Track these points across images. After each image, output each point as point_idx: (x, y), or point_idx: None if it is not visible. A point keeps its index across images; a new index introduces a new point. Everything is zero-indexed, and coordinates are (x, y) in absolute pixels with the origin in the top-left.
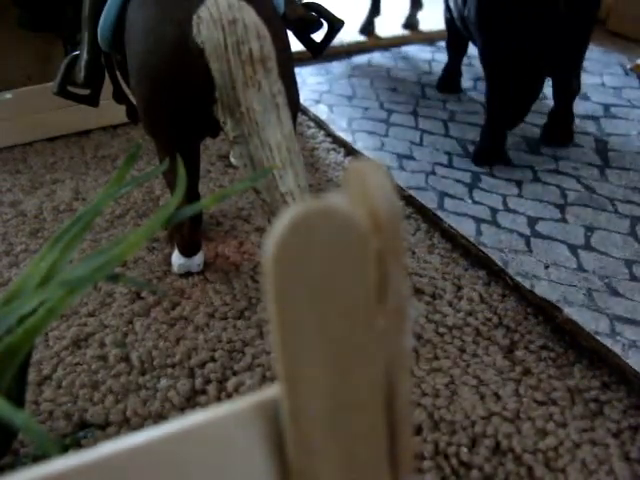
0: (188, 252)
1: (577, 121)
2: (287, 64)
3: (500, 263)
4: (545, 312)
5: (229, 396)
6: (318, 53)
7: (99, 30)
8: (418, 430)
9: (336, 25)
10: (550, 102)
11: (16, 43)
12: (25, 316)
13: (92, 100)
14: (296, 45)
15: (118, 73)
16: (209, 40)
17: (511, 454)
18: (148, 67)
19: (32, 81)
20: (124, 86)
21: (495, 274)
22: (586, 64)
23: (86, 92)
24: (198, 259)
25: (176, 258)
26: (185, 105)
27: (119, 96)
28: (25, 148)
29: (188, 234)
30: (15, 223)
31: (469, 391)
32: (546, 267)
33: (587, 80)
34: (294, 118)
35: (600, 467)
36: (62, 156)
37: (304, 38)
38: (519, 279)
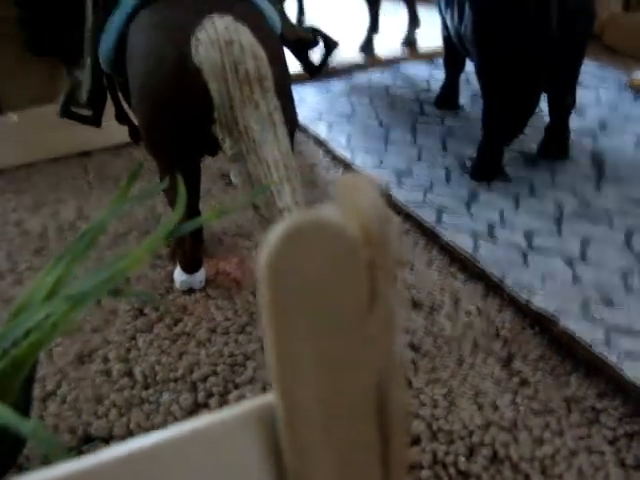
0: (190, 269)
1: (573, 135)
2: (284, 83)
3: (497, 276)
4: (542, 324)
5: None
6: (316, 74)
7: (100, 52)
8: (417, 440)
9: (332, 46)
10: (546, 117)
11: (22, 66)
12: (31, 329)
13: (95, 121)
14: (296, 65)
15: (120, 94)
16: (207, 61)
17: (508, 462)
18: (148, 88)
19: (36, 103)
20: (126, 107)
21: (492, 287)
22: (582, 79)
23: (89, 113)
24: (200, 276)
25: (178, 275)
26: (185, 124)
27: (121, 117)
28: (29, 168)
29: (190, 251)
30: (19, 242)
31: (467, 401)
32: (543, 280)
33: (583, 94)
34: (291, 135)
35: (596, 474)
36: (65, 176)
37: (302, 58)
38: (516, 292)
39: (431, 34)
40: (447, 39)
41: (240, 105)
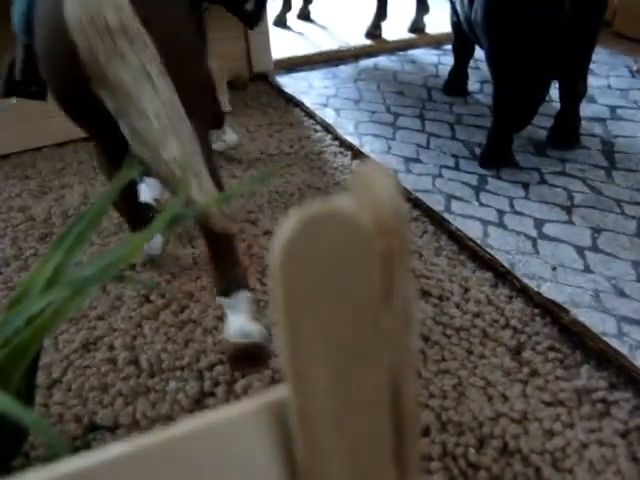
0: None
1: (583, 123)
2: (173, 42)
3: (507, 265)
4: (552, 313)
5: (237, 398)
6: (252, 24)
7: (13, 20)
8: (426, 431)
9: None
10: (556, 104)
11: None
12: (33, 317)
13: (40, 95)
14: (302, 50)
15: None
16: (69, 16)
17: (519, 455)
18: (40, 51)
19: None
20: None
21: (502, 276)
22: (592, 66)
23: (34, 88)
24: (154, 243)
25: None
26: (69, 84)
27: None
28: (34, 153)
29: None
30: (24, 228)
31: (477, 392)
32: (553, 269)
33: (593, 82)
34: (194, 96)
35: (607, 467)
36: (70, 161)
37: (235, 10)
38: (526, 281)
39: (440, 19)
40: (456, 25)
41: (105, 58)
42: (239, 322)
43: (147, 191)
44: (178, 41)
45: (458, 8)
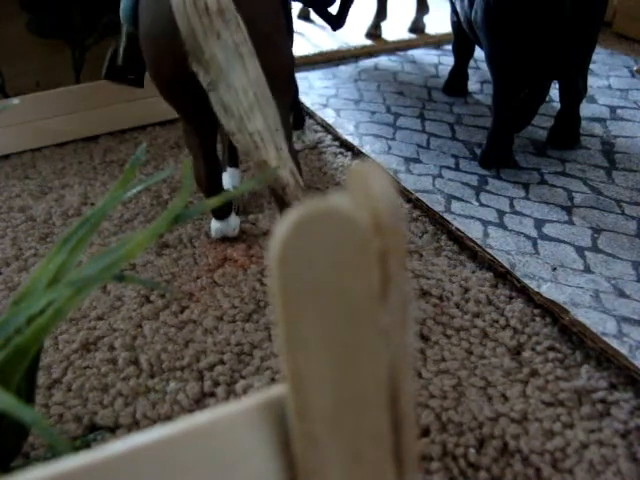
0: (218, 214)
1: (584, 123)
2: (262, 26)
3: (507, 265)
4: (552, 314)
5: (238, 398)
6: (337, 26)
7: (120, 12)
8: (426, 432)
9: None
10: (557, 105)
11: (25, 49)
12: (34, 316)
13: (137, 82)
14: (302, 50)
15: None
16: (174, 2)
17: (519, 455)
18: (143, 35)
19: (40, 87)
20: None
21: (502, 276)
22: (592, 66)
23: (132, 76)
24: (233, 223)
25: (212, 224)
26: (168, 61)
27: None
28: (34, 154)
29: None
30: (24, 228)
31: (476, 393)
32: (553, 269)
33: (593, 82)
34: (281, 79)
35: (607, 468)
36: (71, 161)
37: (321, 12)
38: (526, 281)
39: (440, 20)
40: (456, 25)
41: (202, 35)
42: None
43: (228, 179)
44: (267, 25)
45: (458, 8)
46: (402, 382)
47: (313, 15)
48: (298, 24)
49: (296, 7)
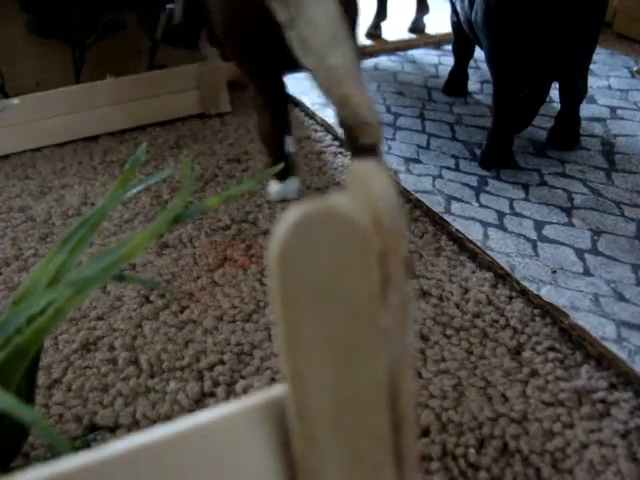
0: (281, 175)
1: (583, 124)
2: None
3: (507, 267)
4: (552, 315)
5: (238, 398)
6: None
7: None
8: (426, 432)
9: None
10: (557, 105)
11: (25, 49)
12: (34, 316)
13: (191, 42)
14: None
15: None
16: None
17: (519, 455)
18: None
19: (40, 87)
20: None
21: (502, 277)
22: (592, 67)
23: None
24: (293, 184)
25: (272, 186)
26: (243, 9)
27: (212, 39)
28: (34, 154)
29: (276, 148)
30: (24, 228)
31: (476, 393)
32: (553, 272)
33: (593, 83)
34: (351, 22)
35: (607, 468)
36: (70, 161)
37: None
38: (526, 284)
39: (440, 20)
40: (456, 25)
41: None
42: None
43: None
44: None
45: (458, 8)
46: (402, 382)
47: None
48: None
49: None
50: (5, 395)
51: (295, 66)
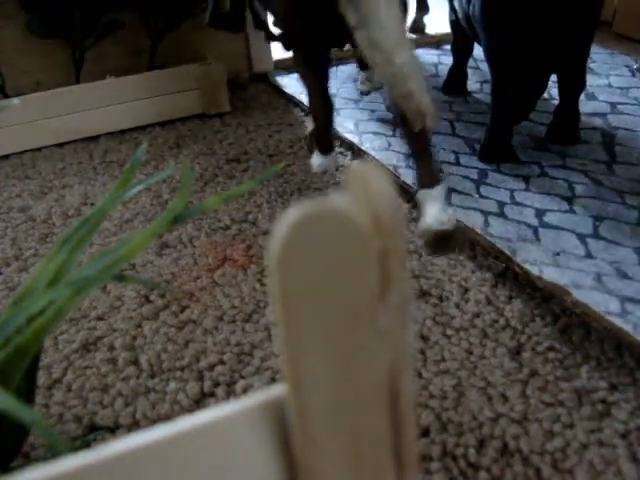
0: (324, 149)
1: (584, 119)
2: None
3: (508, 252)
4: (552, 313)
5: (238, 398)
6: None
7: None
8: (426, 432)
9: None
10: (557, 102)
11: (25, 49)
12: (34, 316)
13: (238, 26)
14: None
15: (257, 3)
16: None
17: (519, 455)
18: None
19: (40, 87)
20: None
21: (502, 276)
22: (593, 66)
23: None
24: (334, 159)
25: (315, 159)
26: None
27: (258, 23)
28: (34, 154)
29: (323, 129)
30: (24, 228)
31: (476, 393)
32: (556, 254)
33: (594, 81)
34: (404, 13)
35: (608, 468)
36: (71, 161)
37: None
38: (527, 267)
39: (440, 19)
40: (455, 23)
41: None
42: (437, 212)
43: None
44: None
45: (456, 5)
46: (402, 382)
47: None
48: None
49: None
50: (5, 395)
51: (342, 44)
